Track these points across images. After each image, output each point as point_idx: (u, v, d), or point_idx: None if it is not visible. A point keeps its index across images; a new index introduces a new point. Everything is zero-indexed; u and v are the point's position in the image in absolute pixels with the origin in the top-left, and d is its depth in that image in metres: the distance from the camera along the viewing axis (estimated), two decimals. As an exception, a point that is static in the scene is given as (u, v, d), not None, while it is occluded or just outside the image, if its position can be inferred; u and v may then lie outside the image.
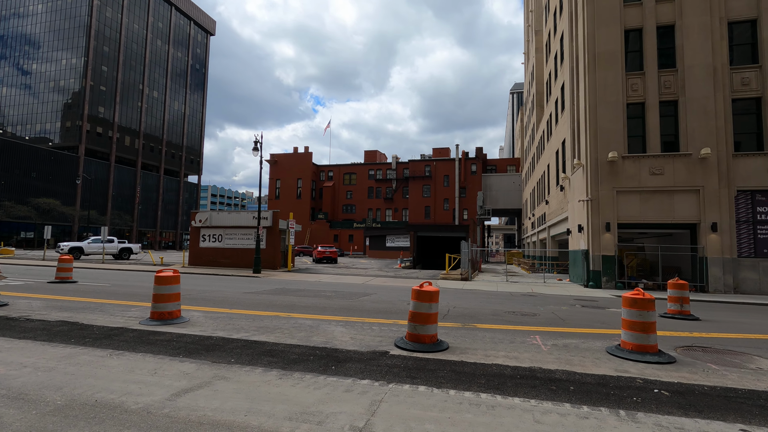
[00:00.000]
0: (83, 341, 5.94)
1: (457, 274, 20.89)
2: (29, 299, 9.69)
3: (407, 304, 11.09)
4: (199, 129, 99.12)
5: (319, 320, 8.09)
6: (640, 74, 18.98)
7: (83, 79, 70.58)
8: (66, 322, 7.17)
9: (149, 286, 13.76)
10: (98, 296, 10.71)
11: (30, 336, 6.16)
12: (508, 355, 5.76)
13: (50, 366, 4.75)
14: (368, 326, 7.62)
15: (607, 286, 18.36)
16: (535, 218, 42.37)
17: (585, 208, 19.32)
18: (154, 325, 7.11)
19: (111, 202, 74.24)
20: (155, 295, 7.39)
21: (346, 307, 10.20)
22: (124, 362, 4.97)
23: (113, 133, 75.67)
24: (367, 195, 68.85)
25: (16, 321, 7.19)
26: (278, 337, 6.47)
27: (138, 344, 5.84)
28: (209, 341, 6.12)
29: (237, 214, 24.36)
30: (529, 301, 12.98)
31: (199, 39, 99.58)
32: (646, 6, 19.12)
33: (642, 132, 18.92)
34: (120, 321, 7.45)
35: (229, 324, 7.43)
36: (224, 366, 4.93)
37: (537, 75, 41.55)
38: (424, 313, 5.94)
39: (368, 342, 6.35)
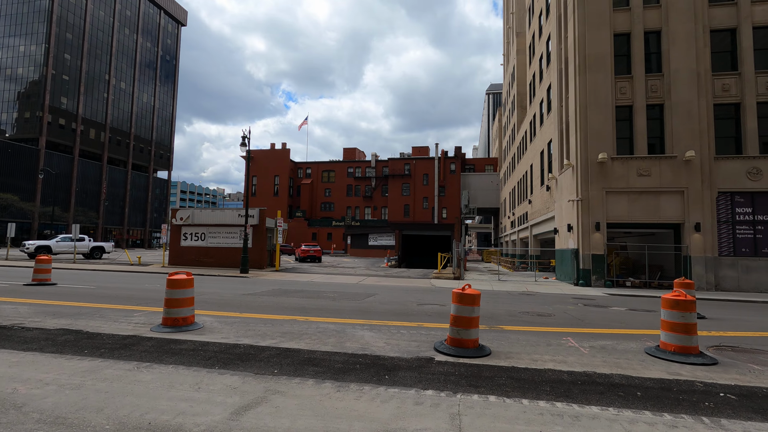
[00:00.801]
0: (98, 352, 5.40)
1: (449, 273, 20.88)
2: (13, 304, 8.87)
3: (417, 305, 10.93)
4: (170, 123, 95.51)
5: (341, 324, 7.75)
6: (628, 78, 19.48)
7: (44, 67, 66.53)
8: (68, 330, 6.55)
9: (139, 287, 12.99)
10: (88, 300, 9.95)
11: (35, 347, 5.56)
12: (554, 359, 5.64)
13: (76, 383, 4.24)
14: (395, 330, 7.35)
15: (596, 284, 18.78)
16: (515, 217, 43.11)
17: (575, 208, 19.69)
18: (168, 332, 6.60)
19: (74, 197, 70.45)
20: (168, 299, 6.87)
21: (358, 309, 9.89)
22: (157, 376, 4.52)
23: (77, 125, 71.75)
24: (346, 193, 68.26)
25: (10, 330, 6.51)
26: (309, 344, 6.11)
27: (162, 355, 5.36)
28: (238, 350, 5.70)
29: (221, 212, 23.48)
30: (532, 300, 13.04)
31: (170, 29, 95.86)
32: (634, 11, 19.64)
33: (629, 134, 19.44)
34: (128, 328, 6.88)
35: (248, 330, 7.00)
36: (270, 378, 4.56)
37: (519, 76, 42.22)
38: (466, 317, 5.74)
39: (405, 347, 6.09)
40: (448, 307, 10.39)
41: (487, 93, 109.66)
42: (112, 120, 78.88)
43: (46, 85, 66.40)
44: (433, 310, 9.91)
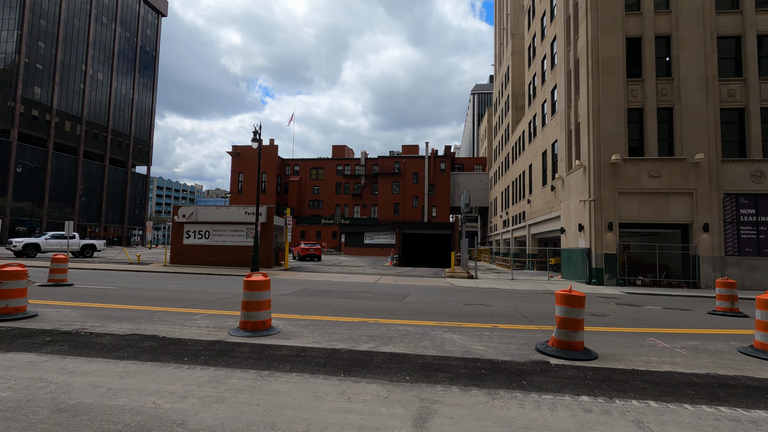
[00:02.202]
0: (199, 359, 5.05)
1: (462, 273, 20.89)
2: (52, 307, 8.27)
3: (463, 305, 10.82)
4: (149, 116, 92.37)
5: (417, 326, 7.55)
6: (639, 81, 19.91)
7: (16, 55, 63.13)
8: (144, 336, 6.12)
9: (161, 287, 12.40)
10: (122, 302, 9.40)
11: (125, 355, 5.15)
12: (664, 361, 5.62)
13: (212, 394, 3.92)
14: (476, 332, 7.21)
15: (608, 283, 19.15)
16: (508, 216, 43.64)
17: (586, 208, 20.02)
18: (250, 336, 6.26)
19: (49, 193, 67.26)
20: (246, 302, 6.51)
21: (411, 309, 9.70)
22: (294, 386, 4.23)
23: (51, 117, 68.45)
24: (335, 191, 67.64)
25: (78, 336, 6.03)
26: (409, 348, 5.90)
27: (270, 361, 5.05)
28: (342, 355, 5.44)
29: (227, 209, 22.78)
30: (565, 299, 13.13)
31: (149, 19, 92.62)
32: (645, 16, 20.07)
33: (640, 136, 19.88)
34: (204, 333, 6.49)
35: (329, 333, 6.72)
36: (410, 386, 4.34)
37: (514, 77, 42.69)
38: (574, 319, 5.65)
39: (506, 350, 5.96)
40: (496, 307, 10.36)
41: (472, 93, 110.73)
42: (88, 112, 75.64)
43: (19, 73, 63.04)
44: (485, 311, 9.82)
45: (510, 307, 10.52)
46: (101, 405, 3.60)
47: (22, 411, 3.43)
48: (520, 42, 42.46)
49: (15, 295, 7.07)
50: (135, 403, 3.68)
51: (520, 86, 42.16)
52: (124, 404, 3.64)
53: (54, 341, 5.71)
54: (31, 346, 5.46)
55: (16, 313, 7.05)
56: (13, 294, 7.05)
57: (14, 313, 7.03)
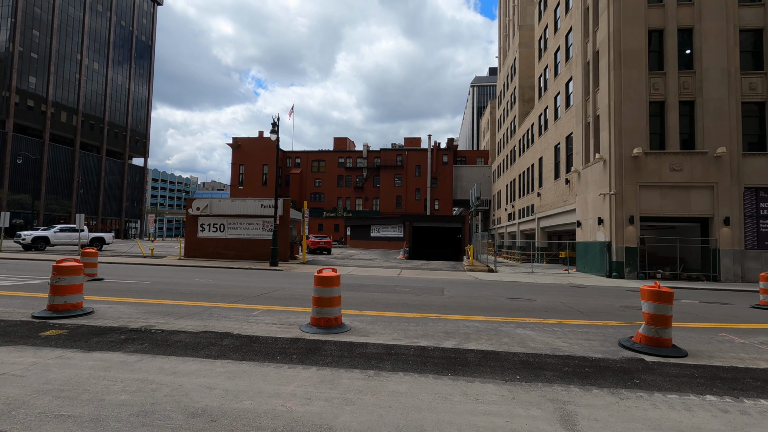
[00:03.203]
0: (292, 358, 4.89)
1: (482, 266, 20.84)
2: (104, 303, 8.05)
3: (506, 299, 10.74)
4: (145, 107, 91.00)
5: (485, 322, 7.44)
6: (661, 74, 19.81)
7: (10, 43, 61.67)
8: (218, 333, 5.95)
9: (192, 282, 12.19)
10: (167, 297, 9.19)
11: (214, 354, 4.98)
12: (756, 357, 5.57)
13: (336, 396, 3.77)
14: (547, 328, 7.10)
15: (629, 276, 19.21)
16: (514, 209, 43.66)
17: (607, 202, 19.99)
18: (324, 333, 6.11)
19: (46, 184, 66.20)
20: (318, 298, 6.35)
21: (463, 305, 9.59)
22: (409, 386, 4.08)
23: (47, 107, 67.16)
24: (337, 183, 67.25)
25: (150, 333, 5.84)
26: (493, 345, 5.79)
27: (366, 360, 4.90)
28: (433, 353, 5.31)
29: (242, 202, 22.48)
30: (597, 293, 13.12)
31: (145, 8, 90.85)
32: (668, 8, 19.91)
33: (661, 129, 19.83)
34: (274, 329, 6.33)
35: (402, 330, 6.58)
36: (526, 385, 4.22)
37: (522, 69, 42.43)
38: (664, 316, 5.56)
39: (589, 346, 5.86)
40: (541, 302, 10.29)
41: (472, 85, 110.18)
42: (84, 103, 74.31)
43: (13, 63, 61.65)
44: (534, 306, 9.73)
45: (555, 302, 10.45)
46: (231, 408, 3.45)
47: (155, 416, 3.27)
48: (527, 34, 42.15)
49: (73, 291, 6.85)
50: (264, 406, 3.52)
51: (528, 78, 41.93)
52: (253, 407, 3.48)
53: (130, 339, 5.52)
54: (111, 344, 5.27)
55: (74, 310, 6.84)
56: (71, 290, 6.83)
57: (72, 310, 6.81)
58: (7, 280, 11.14)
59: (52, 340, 5.36)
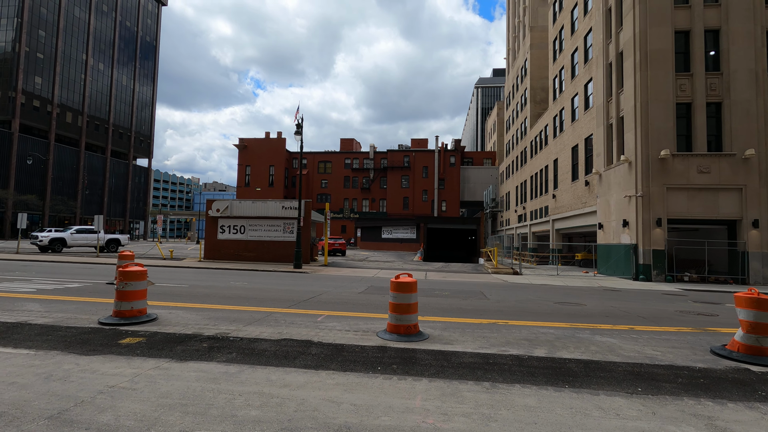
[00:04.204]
0: (393, 368, 4.72)
1: (505, 269, 20.68)
2: (162, 308, 7.86)
3: (554, 303, 10.57)
4: (150, 107, 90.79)
5: (561, 328, 7.27)
6: (687, 75, 19.68)
7: (17, 43, 61.45)
8: (300, 341, 5.77)
9: (228, 285, 11.99)
10: (217, 301, 9.01)
11: (311, 364, 4.80)
12: None
13: (470, 411, 3.59)
14: (624, 334, 6.93)
15: (657, 279, 19.06)
16: (525, 211, 43.53)
17: (633, 204, 19.85)
18: (406, 340, 5.94)
19: (51, 185, 65.90)
20: (397, 305, 6.18)
21: (513, 309, 9.42)
22: (537, 400, 3.91)
23: (53, 108, 66.92)
24: (343, 184, 67.08)
25: (230, 341, 5.66)
26: (585, 353, 5.62)
27: (471, 370, 4.73)
28: (531, 362, 5.14)
29: (263, 204, 22.30)
30: (641, 297, 12.96)
31: (150, 8, 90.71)
32: (694, 9, 19.79)
33: (688, 131, 19.70)
34: (351, 336, 6.15)
35: (482, 337, 6.41)
36: (654, 398, 4.05)
37: (533, 71, 42.32)
38: (766, 324, 5.40)
39: (684, 355, 5.70)
40: (592, 307, 10.13)
41: (475, 87, 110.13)
42: (89, 103, 74.07)
43: (20, 63, 61.43)
44: (591, 310, 9.57)
45: (606, 306, 10.28)
46: (374, 425, 3.27)
47: (302, 434, 3.10)
48: (540, 35, 42.05)
49: (139, 296, 6.67)
50: (405, 422, 3.35)
51: (540, 80, 41.83)
52: (396, 424, 3.31)
53: (214, 348, 5.34)
54: (198, 353, 5.09)
55: (140, 316, 6.66)
56: (137, 296, 6.65)
57: (138, 316, 6.63)
58: (47, 284, 10.95)
59: (136, 349, 5.18)
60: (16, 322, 6.35)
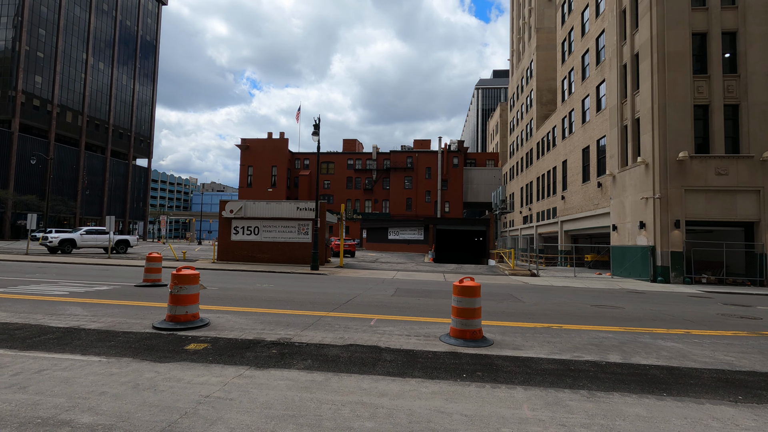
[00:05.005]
0: (475, 375, 4.60)
1: (523, 270, 20.61)
2: (210, 312, 7.70)
3: (591, 306, 10.48)
4: (149, 107, 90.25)
5: (614, 332, 7.17)
6: (705, 77, 19.70)
7: (17, 42, 60.89)
8: (366, 347, 5.64)
9: (256, 287, 11.82)
10: (254, 304, 8.85)
11: (394, 371, 4.67)
12: None
13: (585, 422, 3.48)
14: (685, 339, 6.85)
15: (675, 281, 19.05)
16: (531, 212, 43.53)
17: (650, 205, 19.84)
18: (474, 346, 5.82)
19: (51, 185, 65.24)
20: (462, 309, 6.06)
21: (557, 312, 9.33)
22: (646, 410, 3.80)
23: (53, 107, 66.35)
24: (346, 185, 66.91)
25: (297, 347, 5.51)
26: (659, 359, 5.52)
27: (559, 377, 4.62)
28: (612, 368, 5.03)
29: (278, 205, 22.12)
30: (665, 299, 12.91)
31: (150, 7, 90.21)
32: (711, 11, 19.82)
33: (705, 133, 19.72)
34: (414, 342, 6.02)
35: (546, 342, 6.29)
36: (759, 407, 3.95)
37: (539, 72, 42.36)
38: (843, 329, 5.32)
39: (758, 361, 5.61)
40: (630, 311, 10.06)
41: (476, 88, 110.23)
42: (89, 103, 73.50)
43: (20, 62, 60.85)
44: (629, 314, 9.49)
45: (643, 310, 10.21)
46: (500, 438, 3.15)
47: (433, 448, 2.97)
48: (546, 37, 42.10)
49: (192, 301, 6.51)
50: (528, 435, 3.23)
51: (547, 81, 41.87)
52: (520, 437, 3.19)
53: (284, 354, 5.20)
54: (270, 360, 4.94)
55: (194, 321, 6.50)
56: (191, 300, 6.49)
57: (193, 321, 6.47)
58: (75, 287, 10.74)
59: (207, 355, 5.03)
60: (70, 327, 6.18)
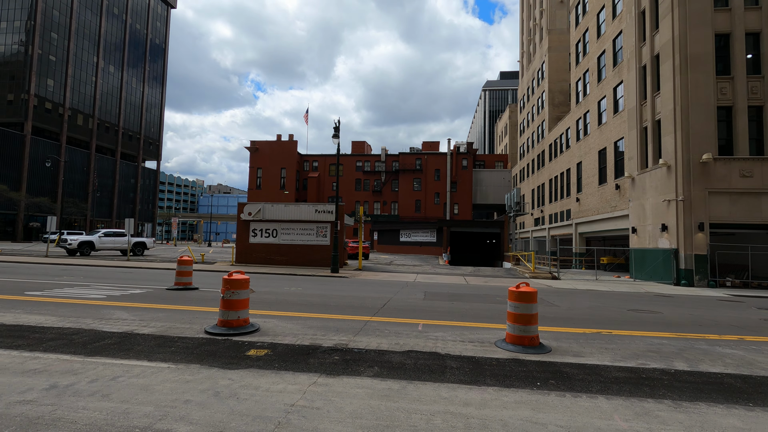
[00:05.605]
0: (550, 384, 4.52)
1: (544, 273, 20.48)
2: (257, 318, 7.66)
3: (627, 311, 10.35)
4: (158, 109, 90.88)
5: (671, 338, 7.06)
6: (728, 78, 19.52)
7: (30, 46, 61.52)
8: (426, 353, 5.57)
9: (288, 291, 11.86)
10: (291, 308, 8.81)
11: (464, 378, 4.59)
12: None
13: (688, 434, 3.40)
14: (743, 345, 6.73)
15: (699, 284, 18.83)
16: (543, 214, 43.33)
17: (672, 208, 19.64)
18: (534, 353, 5.73)
19: (62, 187, 65.79)
20: (518, 315, 5.97)
21: (601, 317, 9.21)
22: (750, 422, 3.71)
23: (64, 110, 66.98)
24: (355, 187, 66.94)
25: (356, 353, 5.46)
26: (728, 367, 5.41)
27: (637, 386, 4.52)
28: (683, 376, 4.93)
29: (296, 207, 22.13)
30: (696, 304, 12.75)
31: (159, 11, 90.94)
32: (734, 12, 19.64)
33: (728, 135, 19.52)
34: (472, 348, 5.95)
35: (602, 348, 6.20)
36: None
37: (551, 74, 42.21)
38: None
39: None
40: (669, 316, 9.93)
41: (483, 89, 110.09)
42: (100, 105, 74.09)
43: (32, 65, 61.47)
44: (671, 319, 9.36)
45: (682, 315, 10.07)
46: (609, 451, 3.07)
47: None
48: (559, 38, 41.96)
49: (244, 306, 6.47)
50: (635, 447, 3.14)
51: (559, 83, 41.71)
52: (628, 449, 3.10)
53: (348, 361, 5.14)
54: (336, 366, 4.88)
55: (246, 326, 6.46)
56: (243, 305, 6.45)
57: (244, 326, 6.43)
58: (109, 290, 10.76)
59: (272, 362, 4.98)
60: (124, 332, 6.16)
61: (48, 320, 6.81)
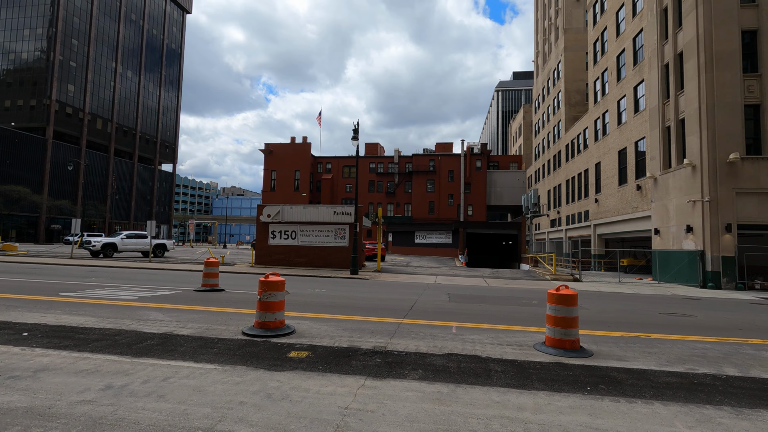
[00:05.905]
0: (601, 389, 4.43)
1: (565, 276, 20.21)
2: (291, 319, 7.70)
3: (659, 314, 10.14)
4: (174, 113, 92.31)
5: (713, 343, 6.90)
6: (756, 76, 19.05)
7: (51, 52, 63.06)
8: (467, 356, 5.52)
9: (311, 293, 11.89)
10: (324, 310, 8.83)
11: (511, 382, 4.54)
12: None
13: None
14: (784, 350, 6.55)
15: (726, 287, 18.38)
16: (560, 215, 42.82)
17: (698, 209, 19.22)
18: (575, 357, 5.64)
19: (82, 190, 67.20)
20: (559, 318, 5.89)
21: (635, 320, 9.05)
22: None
23: (84, 115, 68.46)
24: (368, 189, 67.05)
25: (395, 356, 5.44)
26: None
27: (691, 392, 4.42)
28: (734, 382, 4.80)
29: (315, 209, 22.23)
30: (728, 306, 12.44)
31: (175, 16, 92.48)
32: (762, 8, 19.18)
33: (756, 134, 19.05)
34: (511, 351, 5.88)
35: (645, 352, 6.07)
36: None
37: (567, 73, 41.75)
38: None
39: None
40: (704, 319, 9.71)
41: (496, 90, 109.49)
42: (118, 110, 75.56)
43: (54, 71, 62.99)
44: (706, 322, 9.15)
45: (717, 317, 9.84)
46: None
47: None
48: (575, 37, 41.50)
49: (280, 307, 6.51)
50: (705, 455, 3.06)
51: (575, 82, 41.24)
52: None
53: (390, 363, 5.12)
54: (379, 369, 4.86)
55: (282, 327, 6.49)
56: (279, 307, 6.49)
57: (281, 327, 6.47)
58: (141, 291, 10.93)
59: (315, 364, 4.99)
60: (164, 333, 6.24)
61: (88, 321, 6.93)
